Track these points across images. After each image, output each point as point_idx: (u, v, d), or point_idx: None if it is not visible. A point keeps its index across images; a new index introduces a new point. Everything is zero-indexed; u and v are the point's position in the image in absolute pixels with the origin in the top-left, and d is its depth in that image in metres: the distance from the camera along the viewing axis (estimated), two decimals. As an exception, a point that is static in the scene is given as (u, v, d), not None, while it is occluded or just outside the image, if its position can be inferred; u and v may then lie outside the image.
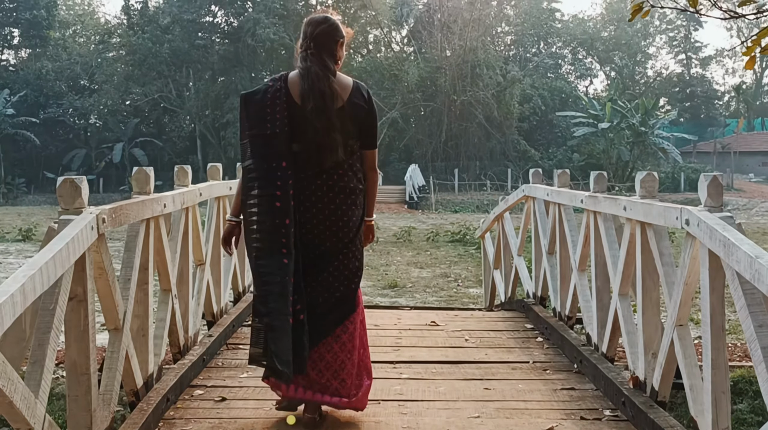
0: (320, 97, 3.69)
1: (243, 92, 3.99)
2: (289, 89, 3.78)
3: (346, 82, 3.84)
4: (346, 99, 3.78)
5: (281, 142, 3.70)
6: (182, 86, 48.57)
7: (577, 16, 65.13)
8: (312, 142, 3.72)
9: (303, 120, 3.71)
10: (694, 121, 62.07)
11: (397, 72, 47.26)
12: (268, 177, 3.69)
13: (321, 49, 3.82)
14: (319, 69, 3.74)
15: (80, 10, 58.07)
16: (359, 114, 3.81)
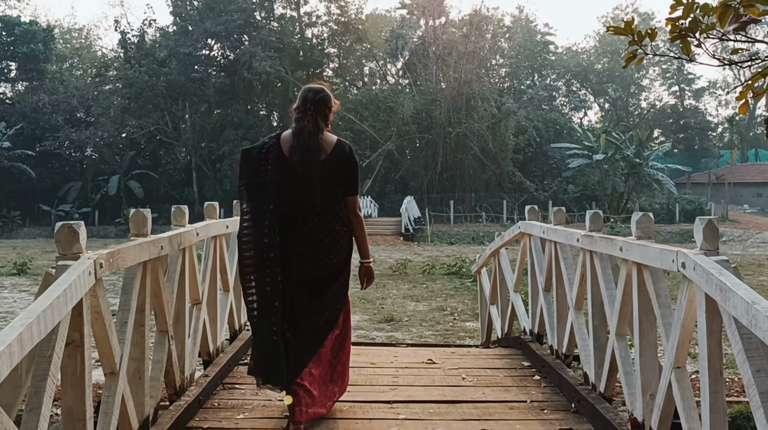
0: (306, 151, 4.42)
1: (243, 148, 4.74)
2: (281, 145, 4.51)
3: (331, 139, 4.58)
4: (329, 152, 4.50)
5: (270, 188, 4.39)
6: (178, 119, 48.76)
7: (570, 49, 65.82)
8: (296, 188, 4.42)
9: (290, 170, 4.42)
10: (688, 153, 62.42)
11: (393, 104, 47.50)
12: (259, 218, 4.39)
13: (317, 113, 4.53)
14: (312, 127, 4.46)
15: (77, 43, 58.41)
16: (340, 165, 4.52)
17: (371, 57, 54.95)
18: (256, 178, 4.44)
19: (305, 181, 4.39)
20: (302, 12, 51.01)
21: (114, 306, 3.95)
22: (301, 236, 4.44)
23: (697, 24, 3.31)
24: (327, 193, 4.47)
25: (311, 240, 4.46)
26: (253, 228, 4.40)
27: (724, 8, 3.26)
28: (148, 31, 49.47)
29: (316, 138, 4.45)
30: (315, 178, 4.40)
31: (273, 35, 47.35)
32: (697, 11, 3.34)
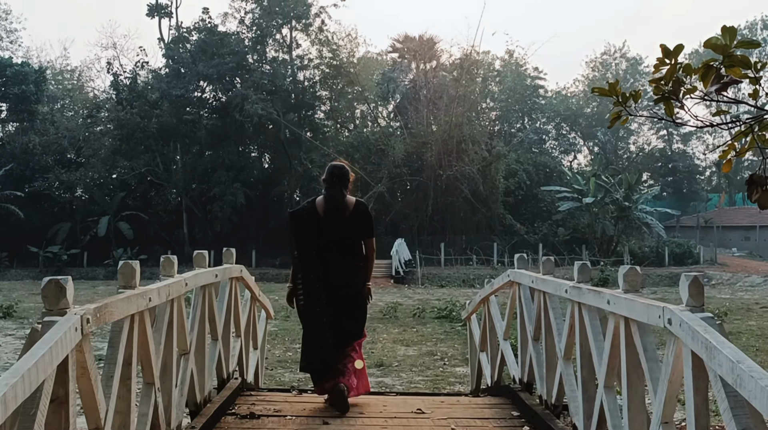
0: (335, 211, 6.33)
1: (290, 210, 6.81)
2: (316, 207, 6.40)
3: (351, 200, 6.45)
4: (351, 210, 6.39)
5: (312, 238, 6.32)
6: (169, 160, 48.83)
7: (560, 93, 66.46)
8: (331, 237, 6.32)
9: (325, 225, 6.33)
10: (677, 196, 62.79)
11: (384, 147, 47.72)
12: (306, 261, 6.32)
13: (340, 183, 6.38)
14: (339, 194, 6.34)
15: (69, 84, 58.61)
16: (360, 219, 6.44)
17: (363, 100, 55.36)
18: (301, 232, 6.36)
19: (337, 232, 6.32)
20: (294, 55, 51.45)
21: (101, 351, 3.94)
22: (336, 269, 6.32)
23: (680, 85, 3.36)
24: (352, 238, 6.43)
25: (343, 272, 6.36)
26: (302, 268, 6.31)
27: (706, 69, 3.32)
28: (141, 73, 49.77)
29: (342, 201, 6.34)
30: (343, 229, 6.34)
31: (265, 78, 47.66)
32: (680, 72, 3.40)
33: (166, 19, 51.73)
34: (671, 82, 3.43)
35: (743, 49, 3.36)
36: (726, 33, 3.30)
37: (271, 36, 50.35)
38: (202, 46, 48.05)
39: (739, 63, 3.04)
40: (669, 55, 3.46)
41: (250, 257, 42.11)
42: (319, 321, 6.17)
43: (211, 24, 50.04)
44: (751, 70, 3.04)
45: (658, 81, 3.43)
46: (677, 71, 3.38)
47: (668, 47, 3.49)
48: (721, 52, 3.29)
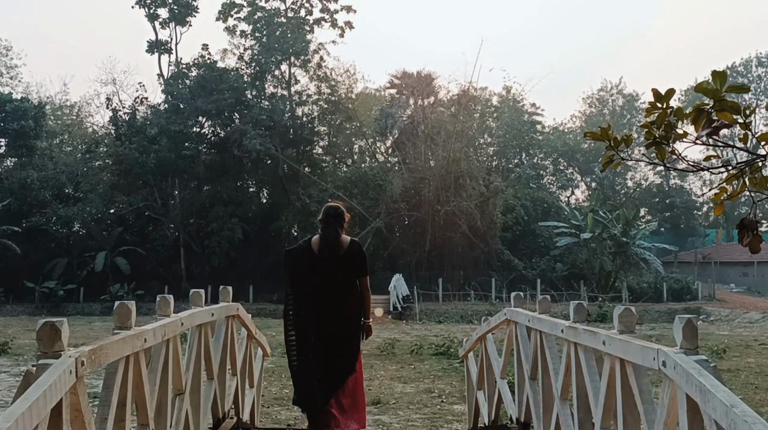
0: (330, 249, 6.49)
1: (286, 248, 6.86)
2: (312, 246, 6.55)
3: (346, 239, 6.61)
4: (346, 249, 6.54)
5: (306, 276, 6.42)
6: (167, 195, 48.90)
7: (557, 129, 66.83)
8: (325, 275, 6.45)
9: (319, 263, 6.46)
10: (674, 232, 62.84)
11: (382, 182, 47.85)
12: (298, 298, 6.41)
13: (335, 222, 6.52)
14: (334, 233, 6.51)
15: (68, 120, 58.84)
16: (354, 257, 6.58)
17: (361, 135, 55.60)
18: (296, 269, 6.46)
19: (331, 270, 6.45)
20: (293, 91, 51.76)
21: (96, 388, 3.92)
22: (329, 306, 6.42)
23: (672, 129, 3.40)
24: (346, 277, 6.55)
25: (337, 309, 6.46)
26: (294, 304, 6.40)
27: (698, 113, 3.36)
28: (140, 108, 49.96)
29: (337, 241, 6.51)
30: (337, 267, 6.48)
31: (264, 113, 47.89)
32: (672, 116, 3.43)
33: (166, 56, 52.15)
34: (663, 125, 3.46)
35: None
36: (716, 77, 3.34)
37: (269, 72, 50.69)
38: (201, 81, 48.33)
39: (729, 109, 3.08)
40: (660, 100, 3.50)
41: (248, 293, 42.01)
42: (306, 358, 6.26)
43: (210, 60, 50.43)
44: (741, 115, 3.07)
45: (650, 125, 3.47)
46: (669, 116, 3.41)
47: (660, 91, 3.53)
48: (711, 96, 3.32)
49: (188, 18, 51.17)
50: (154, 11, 50.90)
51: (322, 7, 52.42)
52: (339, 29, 52.40)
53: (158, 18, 51.06)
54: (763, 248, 13.84)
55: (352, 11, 52.67)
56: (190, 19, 51.33)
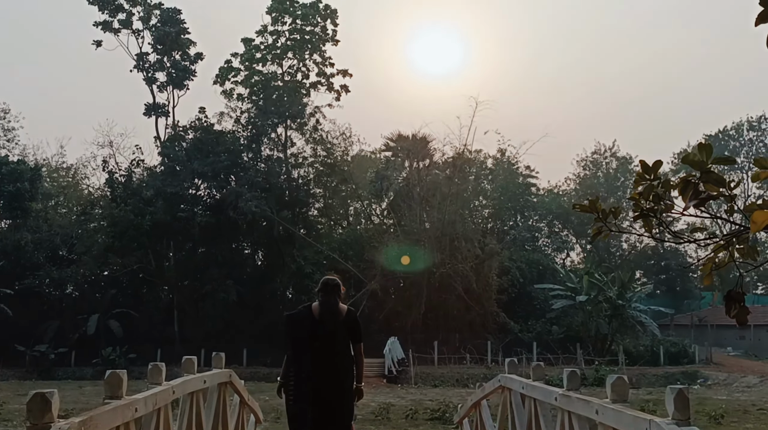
0: (329, 315, 7.03)
1: (287, 313, 7.34)
2: (312, 312, 7.09)
3: (343, 308, 7.22)
4: (343, 316, 7.13)
5: (306, 340, 6.93)
6: (162, 257, 48.81)
7: (552, 191, 67.21)
8: (324, 339, 6.96)
9: (319, 328, 6.97)
10: (670, 294, 62.72)
11: (377, 244, 47.84)
12: (299, 361, 6.93)
13: (333, 292, 7.09)
14: (333, 301, 7.07)
15: (64, 182, 59.07)
16: (350, 324, 7.19)
17: (356, 197, 55.83)
18: (297, 334, 7.00)
19: (330, 335, 6.98)
20: (289, 153, 52.17)
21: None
22: (327, 369, 6.91)
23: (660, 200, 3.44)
24: (343, 342, 7.11)
25: (334, 372, 6.95)
26: (294, 366, 6.94)
27: (685, 184, 3.41)
28: (136, 170, 50.20)
29: (336, 308, 7.08)
30: (336, 332, 7.03)
31: (260, 176, 48.17)
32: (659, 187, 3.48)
33: (163, 118, 52.62)
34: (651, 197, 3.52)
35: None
36: (702, 150, 3.40)
37: (266, 135, 51.16)
38: (197, 144, 48.70)
39: (714, 182, 3.13)
40: (648, 171, 3.56)
41: (241, 356, 41.61)
42: (303, 418, 6.77)
43: (207, 123, 50.95)
44: (726, 188, 3.13)
45: (638, 196, 3.52)
46: (656, 187, 3.47)
47: (647, 163, 3.59)
48: (698, 168, 3.38)
49: (186, 82, 51.80)
50: (152, 75, 51.57)
51: (319, 71, 53.27)
52: (335, 93, 53.21)
53: (156, 82, 51.70)
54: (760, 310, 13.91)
55: (348, 75, 53.51)
56: (188, 83, 51.97)
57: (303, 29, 52.95)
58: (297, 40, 52.86)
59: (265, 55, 52.95)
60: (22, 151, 56.96)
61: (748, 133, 69.19)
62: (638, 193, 3.55)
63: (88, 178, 59.02)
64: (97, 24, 50.64)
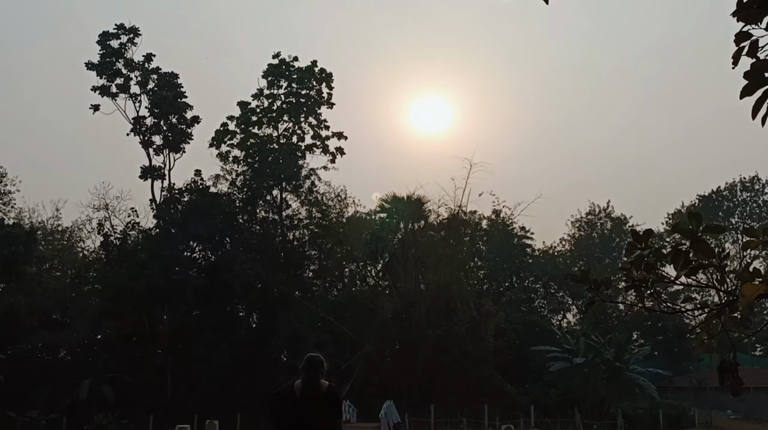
0: (310, 391, 7.19)
1: (272, 392, 7.73)
2: (294, 389, 7.25)
3: (324, 383, 7.30)
4: (324, 391, 7.25)
5: (289, 417, 7.20)
6: (156, 320, 48.47)
7: (547, 252, 67.18)
8: (305, 413, 7.17)
9: (301, 403, 7.19)
10: (668, 356, 62.17)
11: (372, 306, 47.63)
12: None
13: (316, 369, 7.25)
14: (315, 377, 7.21)
15: (59, 245, 58.91)
16: (330, 399, 7.29)
17: (351, 259, 55.79)
18: (278, 411, 7.33)
19: (311, 409, 7.18)
20: (284, 215, 52.36)
21: None
22: None
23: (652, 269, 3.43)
24: (322, 416, 7.24)
25: None
26: None
27: (676, 253, 3.40)
28: (131, 233, 50.24)
29: (317, 384, 7.23)
30: (316, 408, 7.20)
31: (255, 238, 48.29)
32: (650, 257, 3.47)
33: (159, 181, 52.79)
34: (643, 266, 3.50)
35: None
36: (692, 218, 3.40)
37: (261, 197, 51.42)
38: (193, 207, 48.85)
39: (704, 253, 3.12)
40: (639, 240, 3.55)
41: (235, 422, 41.00)
42: None
43: (202, 185, 51.20)
44: (715, 259, 3.12)
45: (630, 266, 3.50)
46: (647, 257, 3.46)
47: (638, 232, 3.59)
48: (688, 237, 3.38)
49: (182, 144, 52.13)
50: (149, 138, 51.92)
51: (314, 134, 53.87)
52: (330, 155, 53.69)
53: (152, 145, 52.01)
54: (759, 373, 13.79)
55: (343, 138, 54.04)
56: (184, 146, 52.30)
57: (298, 92, 53.69)
58: (292, 103, 53.56)
59: (261, 118, 53.56)
60: (18, 215, 56.95)
61: (741, 193, 69.53)
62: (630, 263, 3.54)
63: (83, 241, 58.92)
64: (95, 88, 51.12)
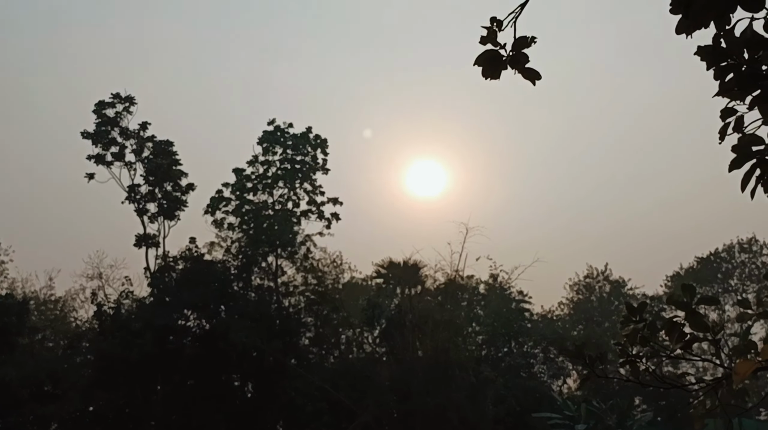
0: None
1: None
2: None
3: None
4: None
5: None
6: (149, 391, 47.77)
7: (546, 316, 66.80)
8: None
9: None
10: (672, 422, 61.24)
11: (369, 373, 47.08)
12: None
13: None
14: None
15: (52, 315, 58.46)
16: None
17: (348, 325, 55.28)
18: None
19: None
20: (280, 282, 52.10)
21: None
22: None
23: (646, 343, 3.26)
24: None
25: None
26: None
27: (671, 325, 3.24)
28: (125, 302, 49.97)
29: None
30: None
31: (250, 306, 47.99)
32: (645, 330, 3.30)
33: (153, 249, 52.64)
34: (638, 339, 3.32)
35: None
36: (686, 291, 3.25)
37: (256, 264, 51.28)
38: (187, 274, 48.68)
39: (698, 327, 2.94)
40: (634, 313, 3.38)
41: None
42: None
43: (197, 253, 51.12)
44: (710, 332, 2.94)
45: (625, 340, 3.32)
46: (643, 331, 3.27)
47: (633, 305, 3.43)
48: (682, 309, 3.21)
49: (177, 212, 52.20)
50: (144, 206, 51.97)
51: (309, 200, 53.92)
52: (326, 221, 53.67)
53: (147, 213, 52.05)
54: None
55: (339, 203, 54.12)
56: (179, 213, 52.37)
57: (294, 159, 53.97)
58: (288, 169, 53.77)
59: (256, 184, 53.71)
60: (11, 285, 56.66)
61: (739, 255, 69.47)
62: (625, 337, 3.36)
63: (76, 310, 58.48)
64: (90, 157, 51.38)
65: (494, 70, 3.54)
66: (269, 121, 54.64)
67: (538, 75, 3.56)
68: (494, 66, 3.54)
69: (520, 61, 3.53)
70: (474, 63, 3.53)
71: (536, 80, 3.56)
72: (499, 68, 3.54)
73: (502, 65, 3.54)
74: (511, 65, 3.52)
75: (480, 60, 3.57)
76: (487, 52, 3.57)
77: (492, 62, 3.54)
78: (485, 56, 3.57)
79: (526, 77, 3.53)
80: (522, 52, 3.53)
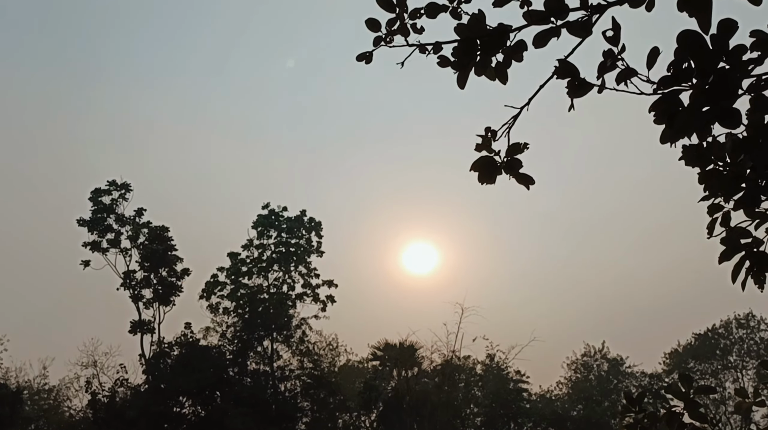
0: None
1: None
2: None
3: None
4: None
5: None
6: (144, 482, 46.77)
7: (544, 396, 65.87)
8: None
9: None
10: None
11: (368, 459, 46.27)
12: None
13: None
14: None
15: (45, 405, 57.41)
16: None
17: (345, 409, 54.51)
18: None
19: None
20: (275, 366, 51.58)
21: None
22: None
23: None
24: None
25: None
26: None
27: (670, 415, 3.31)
28: (120, 390, 49.24)
29: None
30: None
31: (246, 391, 47.34)
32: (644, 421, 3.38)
33: (149, 335, 52.18)
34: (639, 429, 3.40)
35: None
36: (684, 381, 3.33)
37: (252, 348, 50.85)
38: (183, 361, 48.15)
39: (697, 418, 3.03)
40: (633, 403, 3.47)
41: None
42: None
43: (192, 338, 50.70)
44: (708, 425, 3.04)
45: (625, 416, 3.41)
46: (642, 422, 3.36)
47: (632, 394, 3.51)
48: (681, 399, 3.30)
49: (172, 297, 51.90)
50: (139, 292, 51.72)
51: (304, 283, 53.81)
52: (321, 304, 53.42)
53: (142, 298, 51.76)
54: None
55: (334, 286, 53.96)
56: (174, 298, 52.05)
57: (288, 242, 54.08)
58: (282, 252, 53.83)
59: (251, 268, 53.68)
60: (5, 375, 55.78)
61: (737, 330, 68.94)
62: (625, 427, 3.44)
63: (70, 399, 57.43)
64: (86, 244, 51.36)
65: (489, 176, 3.72)
66: (264, 205, 55.01)
67: (532, 180, 3.75)
68: (489, 171, 3.72)
69: (513, 167, 3.72)
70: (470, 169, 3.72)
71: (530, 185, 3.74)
72: (494, 174, 3.73)
73: (497, 171, 3.72)
74: (506, 171, 3.71)
75: (476, 166, 3.76)
76: (482, 158, 3.76)
77: (487, 168, 3.72)
78: (481, 162, 3.75)
79: (520, 182, 3.72)
80: (515, 158, 3.72)
